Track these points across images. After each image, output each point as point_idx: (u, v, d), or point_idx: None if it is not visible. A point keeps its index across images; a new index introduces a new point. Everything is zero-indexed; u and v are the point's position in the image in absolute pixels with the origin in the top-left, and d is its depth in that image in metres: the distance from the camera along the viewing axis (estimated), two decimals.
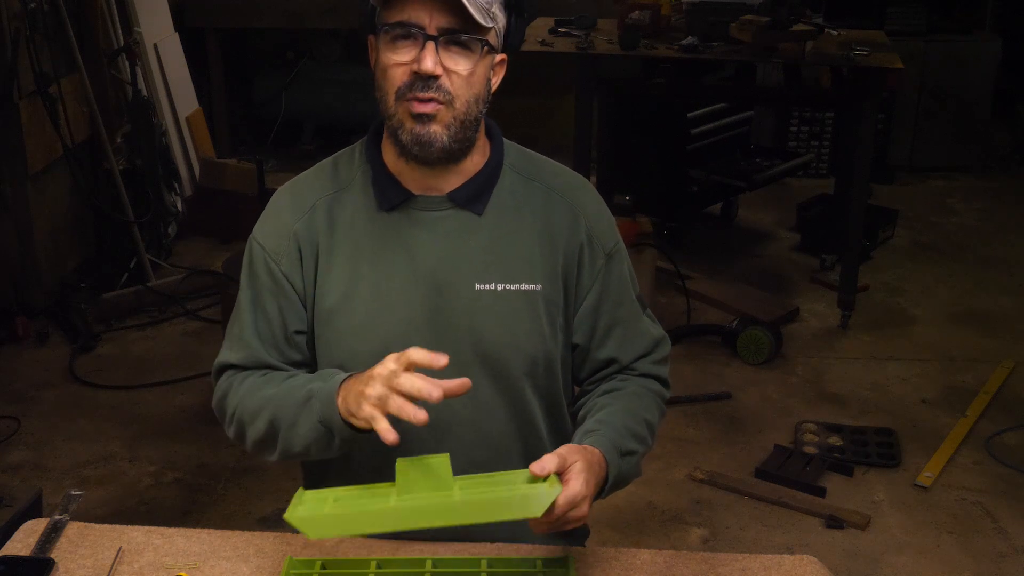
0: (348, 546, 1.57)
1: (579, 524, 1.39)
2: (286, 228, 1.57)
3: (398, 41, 1.44)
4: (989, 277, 4.88)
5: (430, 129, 1.46)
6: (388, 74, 1.46)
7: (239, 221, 4.81)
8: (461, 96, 1.46)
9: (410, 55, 1.44)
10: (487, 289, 1.54)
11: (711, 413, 3.68)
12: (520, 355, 1.56)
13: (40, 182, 4.32)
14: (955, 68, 6.06)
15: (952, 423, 3.62)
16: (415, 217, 1.55)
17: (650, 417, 1.62)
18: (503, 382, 1.57)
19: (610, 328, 1.63)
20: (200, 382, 3.81)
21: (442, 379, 1.52)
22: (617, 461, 1.50)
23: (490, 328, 1.54)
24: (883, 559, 2.95)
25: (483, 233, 1.56)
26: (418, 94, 1.44)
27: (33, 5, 4.17)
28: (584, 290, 1.61)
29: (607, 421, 1.55)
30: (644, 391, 1.64)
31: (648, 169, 4.93)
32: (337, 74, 6.05)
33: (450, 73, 1.44)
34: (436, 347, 1.52)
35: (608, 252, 1.62)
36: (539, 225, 1.58)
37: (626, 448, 1.53)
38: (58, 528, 1.58)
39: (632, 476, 1.56)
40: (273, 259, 1.57)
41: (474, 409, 1.56)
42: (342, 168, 1.61)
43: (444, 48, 1.43)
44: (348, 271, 1.55)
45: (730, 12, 4.11)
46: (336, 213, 1.57)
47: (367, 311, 1.54)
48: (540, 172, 1.62)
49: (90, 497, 3.15)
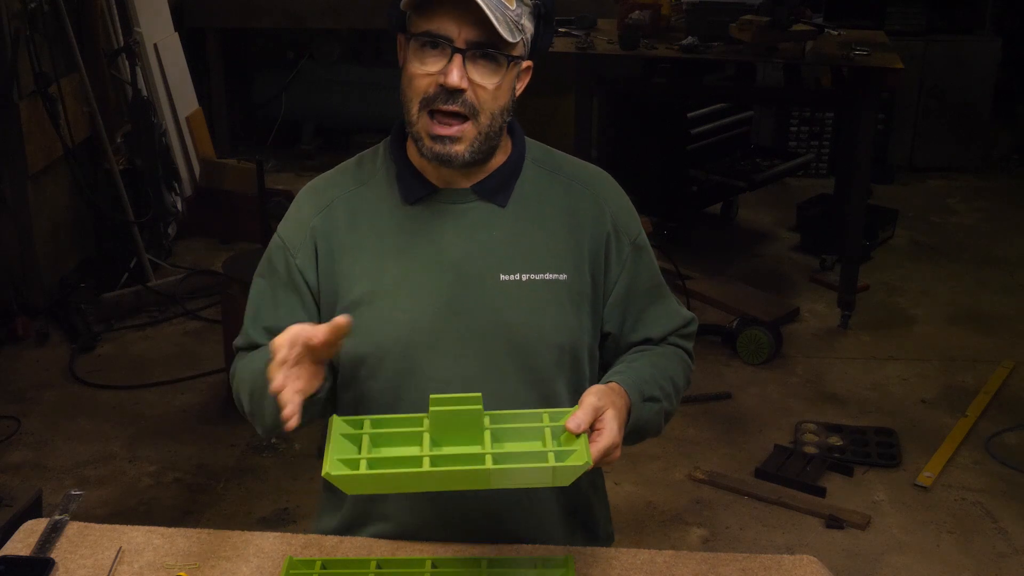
0: (348, 546, 1.57)
1: (611, 465, 1.41)
2: (304, 223, 1.59)
3: (426, 49, 1.45)
4: (989, 277, 4.87)
5: (451, 149, 1.47)
6: (414, 83, 1.46)
7: (239, 221, 4.84)
8: (487, 109, 1.47)
9: (437, 66, 1.44)
10: (512, 280, 1.55)
11: (711, 413, 3.68)
12: (547, 345, 1.57)
13: (40, 182, 4.32)
14: (955, 68, 6.07)
15: (952, 423, 3.62)
16: (439, 210, 1.56)
17: (676, 377, 1.63)
18: (531, 373, 1.57)
19: (641, 313, 1.65)
20: (200, 382, 3.81)
21: (470, 375, 1.53)
22: (639, 404, 1.51)
23: (517, 318, 1.55)
24: (883, 559, 2.95)
25: (507, 224, 1.56)
26: (442, 107, 1.45)
27: (33, 5, 4.17)
28: (613, 279, 1.62)
29: (634, 367, 1.57)
30: (672, 353, 1.66)
31: (648, 169, 4.92)
32: (337, 74, 6.04)
33: (476, 87, 1.45)
34: (464, 338, 1.54)
35: (634, 241, 1.64)
36: (563, 216, 1.59)
37: (649, 394, 1.54)
38: (58, 528, 1.58)
39: (651, 428, 1.57)
40: (291, 252, 1.59)
41: (501, 401, 1.55)
42: (366, 165, 1.62)
43: (471, 61, 1.44)
44: (373, 264, 1.56)
45: (730, 12, 4.10)
46: (358, 208, 1.58)
47: (392, 303, 1.55)
48: (562, 165, 1.64)
49: (90, 497, 3.15)
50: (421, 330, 1.53)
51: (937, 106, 6.15)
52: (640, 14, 4.25)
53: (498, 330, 1.54)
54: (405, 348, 1.54)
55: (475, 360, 1.54)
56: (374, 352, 1.55)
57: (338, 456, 1.33)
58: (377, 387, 1.57)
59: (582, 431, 1.35)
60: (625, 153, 4.92)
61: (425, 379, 1.54)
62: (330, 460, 1.31)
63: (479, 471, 1.30)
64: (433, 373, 1.54)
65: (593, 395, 1.41)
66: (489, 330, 1.54)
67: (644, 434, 1.56)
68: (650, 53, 4.16)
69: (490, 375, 1.54)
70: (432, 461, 1.32)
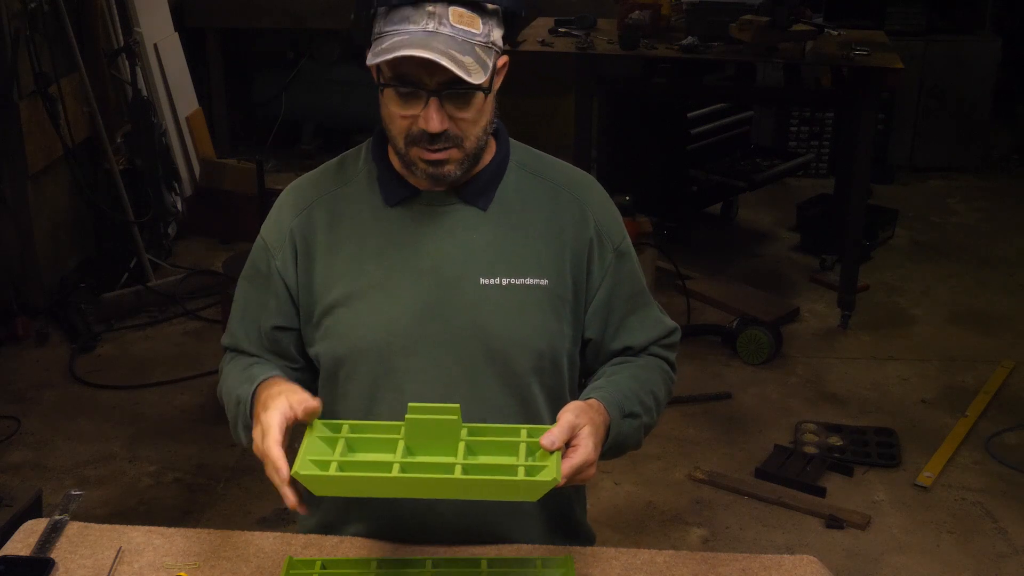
0: (348, 547, 1.57)
1: (585, 483, 1.43)
2: (284, 224, 1.60)
3: (400, 91, 1.44)
4: (989, 277, 4.87)
5: (444, 170, 1.49)
6: (396, 122, 1.47)
7: (239, 221, 4.84)
8: (471, 135, 1.48)
9: (415, 108, 1.44)
10: (492, 284, 1.54)
11: (711, 413, 3.68)
12: (526, 350, 1.56)
13: (40, 182, 4.32)
14: (955, 68, 6.06)
15: (952, 423, 3.62)
16: (420, 212, 1.56)
17: (657, 391, 1.63)
18: (509, 378, 1.57)
19: (623, 320, 1.64)
20: (200, 382, 3.81)
21: (448, 378, 1.53)
22: (619, 420, 1.51)
23: (495, 322, 1.54)
24: (883, 559, 2.95)
25: (488, 228, 1.56)
26: (428, 147, 1.46)
27: (33, 5, 4.17)
28: (595, 286, 1.61)
29: (615, 381, 1.57)
30: (654, 365, 1.66)
31: (648, 169, 4.93)
32: (337, 74, 6.04)
33: (456, 120, 1.45)
34: (442, 341, 1.53)
35: (617, 247, 1.62)
36: (546, 220, 1.58)
37: (629, 410, 1.53)
38: (58, 528, 1.58)
39: (631, 443, 1.57)
40: (272, 253, 1.60)
41: (479, 405, 1.55)
42: (348, 166, 1.62)
43: (448, 99, 1.43)
44: (353, 266, 1.56)
45: (730, 12, 4.10)
46: (339, 209, 1.58)
47: (371, 306, 1.55)
48: (546, 169, 1.63)
49: (90, 497, 3.15)
50: (399, 333, 1.53)
51: (937, 106, 6.14)
52: (640, 14, 4.25)
53: (477, 334, 1.54)
54: (382, 351, 1.54)
55: (453, 363, 1.54)
56: (351, 354, 1.56)
57: (310, 456, 1.35)
58: (355, 388, 1.57)
59: (555, 448, 1.35)
60: (625, 153, 4.92)
61: (403, 381, 1.54)
62: (301, 459, 1.34)
63: (447, 480, 1.31)
64: (411, 376, 1.54)
65: (570, 412, 1.41)
66: (468, 333, 1.54)
67: (623, 449, 1.56)
68: (650, 53, 4.16)
69: (468, 378, 1.54)
70: (402, 468, 1.33)
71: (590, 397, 1.51)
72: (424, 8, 1.40)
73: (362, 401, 1.57)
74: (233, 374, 1.60)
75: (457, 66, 1.38)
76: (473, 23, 1.41)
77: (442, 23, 1.40)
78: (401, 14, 1.41)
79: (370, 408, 1.56)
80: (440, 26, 1.39)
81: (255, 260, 1.63)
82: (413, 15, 1.40)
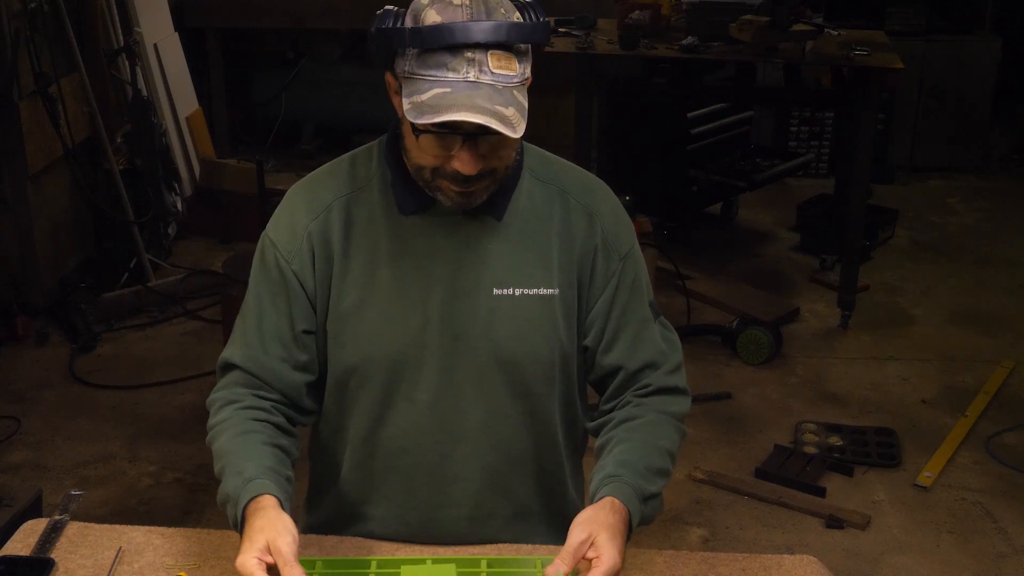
0: (348, 547, 1.57)
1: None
2: (300, 227, 1.55)
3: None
4: (989, 277, 4.87)
5: (473, 199, 1.47)
6: (427, 155, 1.43)
7: (239, 221, 4.84)
8: (502, 167, 1.47)
9: (448, 149, 1.41)
10: (505, 294, 1.53)
11: (711, 413, 3.68)
12: (537, 360, 1.55)
13: (40, 182, 4.32)
14: (955, 68, 6.06)
15: (952, 423, 3.62)
16: (435, 221, 1.53)
17: (671, 446, 1.58)
18: (519, 388, 1.56)
19: (617, 332, 1.59)
20: (200, 382, 3.81)
21: (458, 388, 1.52)
22: (640, 508, 1.47)
23: (507, 333, 1.53)
24: (883, 559, 2.95)
25: (503, 237, 1.54)
26: (460, 184, 1.43)
27: (33, 5, 4.17)
28: (596, 293, 1.58)
29: (627, 463, 1.51)
30: (662, 418, 1.60)
31: (648, 169, 4.93)
32: (337, 74, 6.04)
33: (490, 158, 1.43)
34: (453, 351, 1.52)
35: (622, 256, 1.59)
36: (557, 229, 1.56)
37: (648, 492, 1.49)
38: (58, 528, 1.58)
39: (655, 514, 1.53)
40: (285, 258, 1.55)
41: (489, 415, 1.55)
42: (360, 168, 1.58)
43: (483, 137, 1.40)
44: (365, 274, 1.53)
45: (730, 12, 4.10)
46: (353, 214, 1.55)
47: (383, 315, 1.53)
48: (558, 176, 1.60)
49: (90, 497, 3.15)
50: (412, 343, 1.52)
51: (937, 106, 6.14)
52: (640, 14, 4.25)
53: (488, 344, 1.53)
54: (395, 360, 1.52)
55: (464, 373, 1.53)
56: (363, 363, 1.54)
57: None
58: (366, 397, 1.56)
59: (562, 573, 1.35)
60: (625, 153, 4.92)
61: (414, 391, 1.54)
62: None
63: None
64: (422, 385, 1.53)
65: (578, 528, 1.40)
66: (480, 344, 1.53)
67: (650, 523, 1.53)
68: (650, 53, 4.16)
69: (478, 389, 1.54)
70: None
71: (603, 488, 1.47)
72: (463, 55, 1.35)
73: (373, 409, 1.56)
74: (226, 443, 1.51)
75: (503, 124, 1.34)
76: (511, 65, 1.38)
77: (483, 70, 1.35)
78: (437, 59, 1.36)
79: (381, 416, 1.56)
80: (481, 74, 1.35)
81: (265, 267, 1.57)
82: (451, 61, 1.35)
